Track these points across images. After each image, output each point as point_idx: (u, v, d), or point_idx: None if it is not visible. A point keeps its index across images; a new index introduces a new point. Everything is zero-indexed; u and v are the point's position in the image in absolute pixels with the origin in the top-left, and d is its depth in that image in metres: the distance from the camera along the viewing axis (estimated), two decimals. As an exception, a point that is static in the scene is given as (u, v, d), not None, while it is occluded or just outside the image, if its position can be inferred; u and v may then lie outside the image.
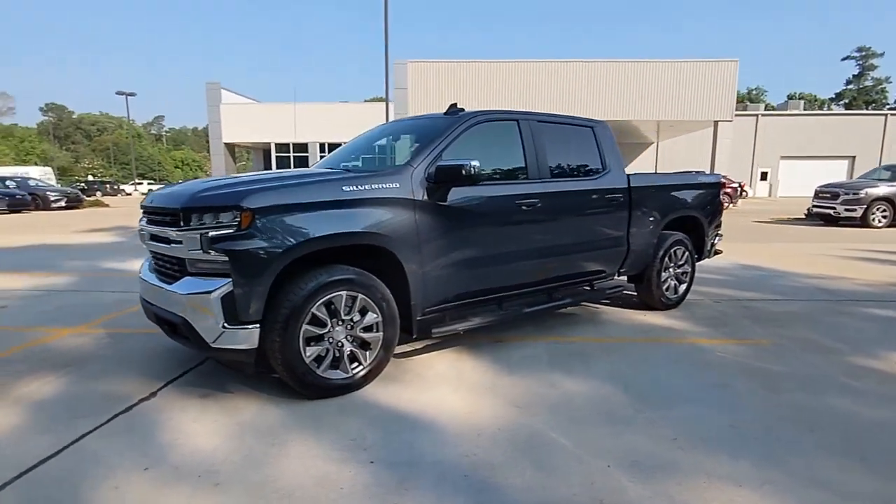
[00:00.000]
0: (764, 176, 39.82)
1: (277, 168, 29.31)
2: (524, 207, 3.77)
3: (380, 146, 4.51)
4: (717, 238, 5.55)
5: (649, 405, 2.95)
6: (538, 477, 2.24)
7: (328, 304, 2.99)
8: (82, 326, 4.53)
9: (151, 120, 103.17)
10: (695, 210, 5.15)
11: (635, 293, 5.12)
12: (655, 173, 5.69)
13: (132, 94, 45.68)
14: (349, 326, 3.10)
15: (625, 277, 4.93)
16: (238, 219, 2.74)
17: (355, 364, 3.13)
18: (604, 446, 2.50)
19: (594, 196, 4.25)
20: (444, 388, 3.22)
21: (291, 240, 2.81)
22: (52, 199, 22.78)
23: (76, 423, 2.72)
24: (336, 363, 3.07)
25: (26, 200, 21.35)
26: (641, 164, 37.03)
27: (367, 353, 3.17)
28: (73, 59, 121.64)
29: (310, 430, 2.66)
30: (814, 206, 15.28)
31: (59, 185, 31.49)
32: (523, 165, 3.88)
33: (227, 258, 2.70)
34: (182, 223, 2.83)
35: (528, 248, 3.86)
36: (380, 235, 3.09)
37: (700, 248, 5.37)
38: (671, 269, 5.03)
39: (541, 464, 2.34)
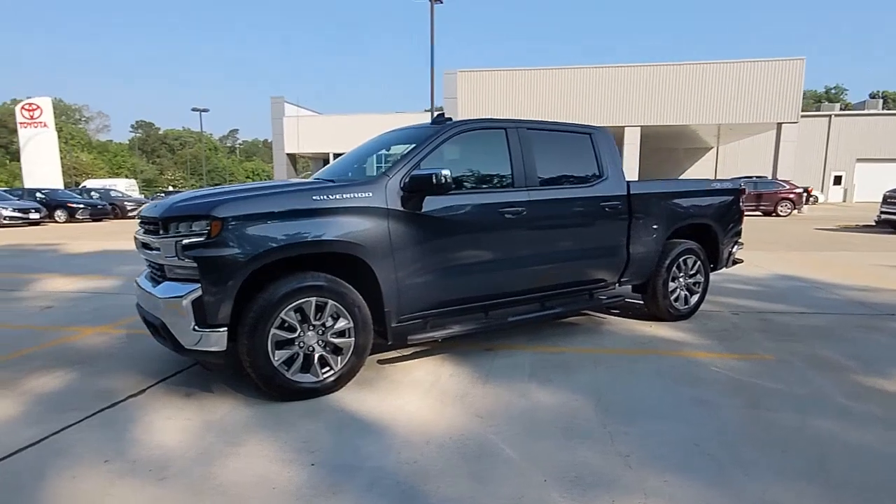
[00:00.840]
0: (838, 180, 37.23)
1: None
2: (508, 216, 3.74)
3: (379, 156, 4.60)
4: (736, 247, 5.27)
5: (616, 420, 2.86)
6: (469, 487, 2.22)
7: (298, 310, 3.09)
8: (107, 327, 4.87)
9: (227, 133, 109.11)
10: (708, 218, 4.92)
11: (641, 303, 4.95)
12: (661, 180, 5.47)
13: (205, 111, 49.00)
14: (321, 332, 3.19)
15: (629, 287, 4.78)
16: (208, 227, 2.89)
17: (326, 368, 3.21)
18: (550, 460, 2.44)
19: (588, 204, 4.16)
20: (414, 394, 3.24)
21: (258, 248, 2.93)
22: (129, 208, 24.78)
23: (65, 416, 2.94)
24: (307, 367, 3.16)
25: (107, 210, 23.64)
26: (700, 170, 35.57)
27: (339, 358, 3.25)
28: (161, 79, 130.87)
29: (269, 431, 2.76)
30: (882, 212, 14.15)
31: (142, 196, 34.15)
32: (509, 174, 3.86)
33: (196, 265, 2.86)
34: (161, 231, 3.02)
35: (513, 257, 3.83)
36: (349, 244, 3.17)
37: (715, 258, 5.12)
38: (681, 279, 4.83)
39: (478, 475, 2.32)
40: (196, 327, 2.91)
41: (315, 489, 2.22)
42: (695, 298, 4.94)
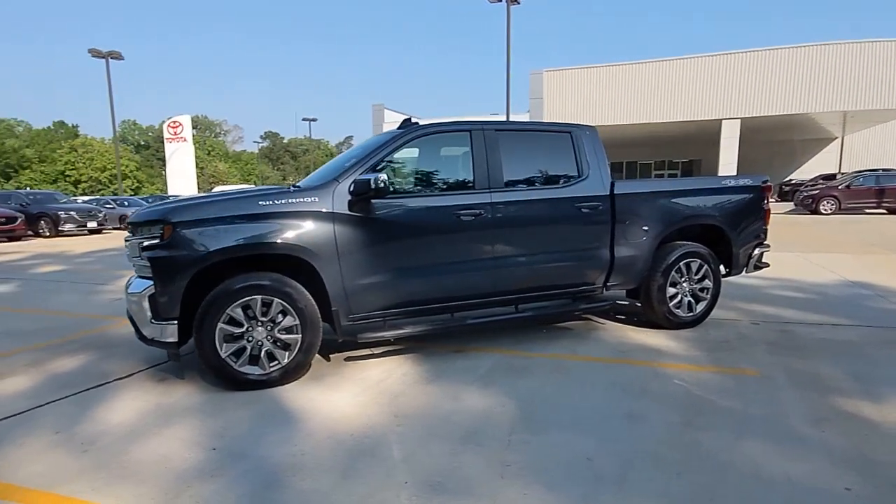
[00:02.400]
0: None
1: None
2: (465, 218, 3.73)
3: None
4: (758, 249, 4.77)
5: (528, 429, 2.78)
6: (329, 483, 2.30)
7: (246, 307, 3.34)
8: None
9: (343, 140, 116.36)
10: (716, 219, 4.51)
11: (633, 307, 4.66)
12: (659, 179, 5.09)
13: (314, 120, 53.59)
14: (269, 328, 3.42)
15: (622, 292, 4.53)
16: (162, 231, 3.23)
17: (274, 363, 3.43)
18: (428, 464, 2.45)
19: (560, 205, 4.01)
20: (354, 391, 3.36)
21: (202, 250, 3.21)
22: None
23: (58, 393, 3.43)
24: (255, 360, 3.40)
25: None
26: (819, 163, 31.86)
27: (287, 353, 3.45)
28: (284, 90, 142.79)
29: (202, 416, 3.03)
30: None
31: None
32: (471, 176, 3.85)
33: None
34: (131, 234, 3.42)
35: (473, 260, 3.81)
36: (291, 246, 3.36)
37: (728, 261, 4.68)
38: (684, 285, 4.48)
39: (348, 472, 2.39)
40: (153, 320, 3.26)
41: (199, 472, 2.42)
42: (701, 305, 4.55)
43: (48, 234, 17.42)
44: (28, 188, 50.41)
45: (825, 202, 19.46)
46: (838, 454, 2.43)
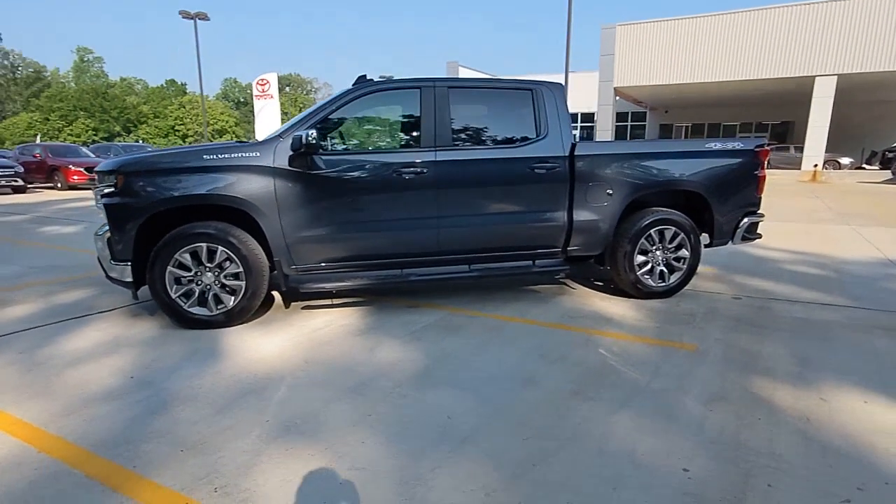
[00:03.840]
0: None
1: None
2: (407, 176, 3.74)
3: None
4: (748, 218, 4.39)
5: (418, 384, 2.84)
6: (204, 415, 2.50)
7: (193, 254, 3.60)
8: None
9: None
10: (696, 185, 4.19)
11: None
12: (630, 141, 4.74)
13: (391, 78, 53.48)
14: (216, 273, 3.67)
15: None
16: (115, 180, 3.52)
17: (221, 305, 3.69)
18: (297, 407, 2.58)
19: (511, 165, 3.89)
20: (287, 336, 3.56)
21: (148, 198, 3.47)
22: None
23: (46, 320, 3.90)
24: (203, 302, 3.68)
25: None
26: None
27: (233, 298, 3.70)
28: (365, 48, 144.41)
29: (143, 349, 3.35)
30: None
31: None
32: (417, 133, 3.82)
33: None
34: (97, 182, 3.75)
35: (416, 217, 3.82)
36: (229, 197, 3.54)
37: (711, 230, 4.36)
38: (657, 253, 4.25)
39: (226, 407, 2.57)
40: (112, 261, 3.61)
41: (105, 395, 2.72)
42: (676, 276, 4.31)
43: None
44: (141, 141, 54.96)
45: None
46: (707, 436, 2.30)
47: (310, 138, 3.42)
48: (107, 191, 3.55)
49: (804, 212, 10.46)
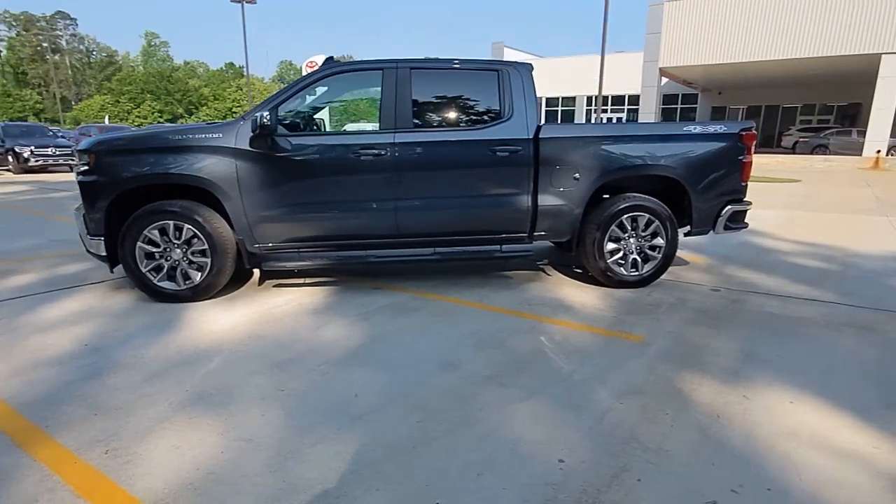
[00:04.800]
0: None
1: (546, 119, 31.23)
2: (364, 158, 3.77)
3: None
4: (731, 206, 4.16)
5: (344, 362, 2.90)
6: (131, 382, 2.66)
7: (162, 230, 3.78)
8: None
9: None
10: (671, 170, 4.01)
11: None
12: (598, 124, 4.54)
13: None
14: (184, 250, 3.84)
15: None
16: (89, 159, 3.72)
17: (188, 280, 3.87)
18: (219, 379, 2.69)
19: (473, 147, 3.85)
20: (245, 313, 3.70)
21: (115, 176, 3.66)
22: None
23: (39, 289, 4.22)
24: (172, 277, 3.87)
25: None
26: None
27: (200, 274, 3.87)
28: (412, 30, 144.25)
29: (109, 319, 3.57)
30: None
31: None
32: (378, 115, 3.83)
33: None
34: (77, 161, 3.98)
35: (375, 199, 3.86)
36: (191, 176, 3.68)
37: (690, 218, 4.17)
38: (631, 241, 4.12)
39: (155, 376, 2.72)
40: (88, 235, 3.84)
41: (55, 360, 2.92)
42: (650, 265, 4.17)
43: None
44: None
45: None
46: (602, 429, 2.25)
47: (264, 119, 3.49)
48: (82, 168, 3.76)
49: (845, 201, 9.79)
